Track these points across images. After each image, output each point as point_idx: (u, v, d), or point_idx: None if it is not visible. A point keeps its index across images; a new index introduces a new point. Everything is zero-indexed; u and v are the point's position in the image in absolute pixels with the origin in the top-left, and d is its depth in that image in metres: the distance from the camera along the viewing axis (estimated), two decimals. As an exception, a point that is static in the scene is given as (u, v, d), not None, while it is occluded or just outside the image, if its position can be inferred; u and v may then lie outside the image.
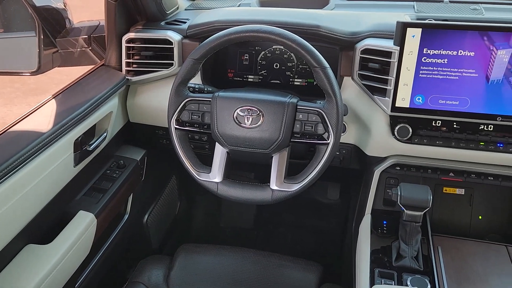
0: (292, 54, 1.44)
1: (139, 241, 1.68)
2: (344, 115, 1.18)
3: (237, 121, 1.13)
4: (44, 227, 1.18)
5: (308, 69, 1.42)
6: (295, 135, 1.14)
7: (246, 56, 1.48)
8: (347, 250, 1.62)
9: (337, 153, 1.41)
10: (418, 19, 1.32)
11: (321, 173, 1.12)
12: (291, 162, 1.20)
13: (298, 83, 1.46)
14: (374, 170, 1.34)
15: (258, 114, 1.12)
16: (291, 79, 1.46)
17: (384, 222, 1.31)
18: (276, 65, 1.46)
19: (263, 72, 1.48)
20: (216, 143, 1.18)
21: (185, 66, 1.15)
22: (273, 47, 1.45)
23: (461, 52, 1.13)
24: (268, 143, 1.12)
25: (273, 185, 1.14)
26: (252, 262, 1.33)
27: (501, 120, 1.18)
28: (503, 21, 1.25)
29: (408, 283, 1.06)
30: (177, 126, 1.18)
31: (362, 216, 1.35)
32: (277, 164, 1.15)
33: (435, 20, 1.25)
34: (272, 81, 1.48)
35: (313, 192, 2.18)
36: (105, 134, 1.35)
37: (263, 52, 1.46)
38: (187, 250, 1.37)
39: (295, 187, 1.13)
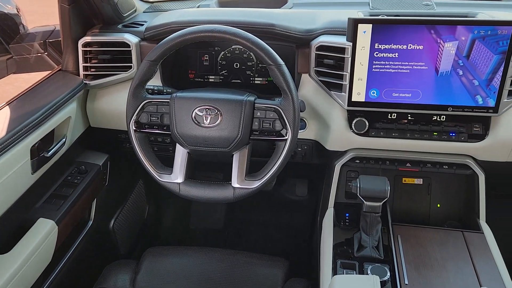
0: (251, 53, 1.45)
1: (106, 247, 1.65)
2: (302, 111, 1.20)
3: (196, 121, 1.13)
4: (2, 236, 1.15)
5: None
6: (254, 132, 1.15)
7: (206, 56, 1.49)
8: (315, 244, 1.64)
9: (299, 149, 1.43)
10: (371, 15, 1.36)
11: (280, 168, 1.14)
12: (256, 160, 1.22)
13: (259, 82, 1.47)
14: (335, 164, 1.37)
15: (216, 113, 1.13)
16: (251, 78, 1.48)
17: (347, 214, 1.34)
18: (236, 65, 1.47)
19: (223, 72, 1.49)
20: (177, 144, 1.19)
21: (142, 68, 1.14)
22: (233, 47, 1.47)
23: (410, 46, 1.17)
24: (228, 141, 1.13)
25: (235, 183, 1.15)
26: (219, 261, 1.33)
27: (452, 110, 1.22)
28: (450, 15, 1.30)
29: (369, 271, 1.09)
30: (136, 129, 1.18)
31: (325, 210, 1.38)
32: (238, 162, 1.16)
33: (387, 15, 1.28)
34: (233, 81, 1.49)
35: (282, 190, 2.20)
36: (64, 139, 1.33)
37: (223, 52, 1.47)
38: (153, 253, 1.37)
39: (256, 184, 1.15)
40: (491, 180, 1.35)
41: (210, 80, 1.50)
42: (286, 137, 1.12)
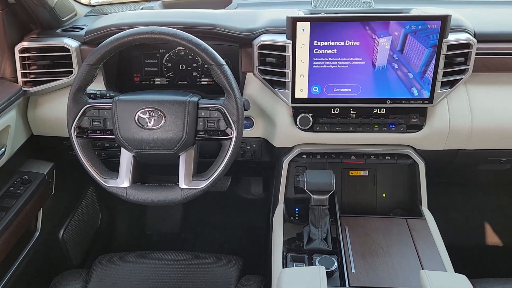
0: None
1: (56, 258, 1.61)
2: (246, 110, 1.21)
3: (139, 124, 1.12)
4: None
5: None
6: (199, 133, 1.15)
7: (151, 59, 1.47)
8: (270, 241, 1.66)
9: (248, 147, 1.44)
10: (311, 14, 1.39)
11: (227, 167, 1.15)
12: (207, 160, 1.22)
13: (205, 82, 1.48)
14: (283, 160, 1.39)
15: (160, 115, 1.12)
16: (198, 79, 1.48)
17: (296, 209, 1.37)
18: (182, 66, 1.47)
19: (169, 74, 1.48)
20: (122, 148, 1.17)
21: (81, 72, 1.12)
22: (177, 48, 1.46)
23: (347, 42, 1.21)
24: (173, 142, 1.13)
25: (182, 184, 1.15)
26: (172, 264, 1.32)
27: (390, 103, 1.27)
28: (384, 11, 1.35)
29: (317, 263, 1.12)
30: (78, 134, 1.16)
31: (276, 206, 1.40)
32: (185, 163, 1.16)
33: (326, 14, 1.32)
34: (179, 83, 1.48)
35: (237, 190, 2.22)
36: (3, 149, 1.28)
37: (168, 54, 1.46)
38: (105, 261, 1.34)
39: (203, 184, 1.15)
40: (432, 168, 1.41)
41: (156, 82, 1.49)
42: (231, 136, 1.13)
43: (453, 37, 1.21)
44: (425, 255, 1.16)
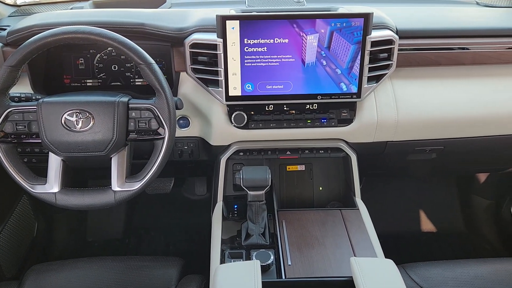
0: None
1: (-14, 271, 1.52)
2: (179, 109, 1.21)
3: (66, 126, 1.09)
4: None
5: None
6: (131, 133, 1.14)
7: (82, 60, 1.43)
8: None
9: (185, 147, 1.44)
10: (243, 13, 1.41)
11: (161, 167, 1.14)
12: (144, 162, 1.20)
13: (140, 83, 1.45)
14: (220, 158, 1.40)
15: (88, 116, 1.09)
16: (131, 80, 1.45)
17: (235, 206, 1.38)
18: (115, 67, 1.44)
19: (102, 75, 1.44)
20: (49, 152, 1.13)
21: (1, 74, 1.07)
22: (109, 49, 1.43)
23: (277, 40, 1.24)
24: (103, 144, 1.10)
25: (115, 187, 1.13)
26: (110, 269, 1.29)
27: (321, 98, 1.31)
28: (312, 10, 1.39)
29: (253, 258, 1.13)
30: (1, 140, 1.10)
31: (215, 204, 1.40)
32: (117, 165, 1.14)
33: (257, 12, 1.34)
34: (112, 84, 1.45)
35: (181, 191, 2.20)
36: None
37: (99, 55, 1.43)
38: (37, 271, 1.29)
39: (137, 185, 1.13)
40: (365, 160, 1.47)
41: (88, 84, 1.45)
42: (163, 136, 1.12)
43: (376, 34, 1.26)
44: (358, 244, 1.20)
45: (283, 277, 1.09)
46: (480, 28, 1.43)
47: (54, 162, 1.13)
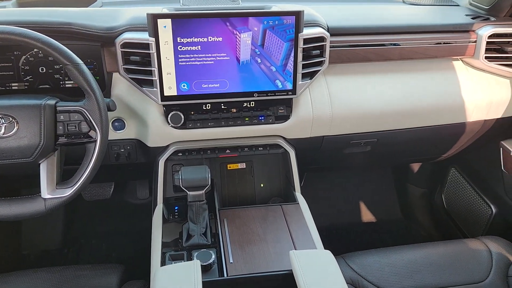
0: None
1: None
2: (112, 110, 1.17)
3: (-13, 133, 1.02)
4: None
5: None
6: (60, 137, 1.09)
7: (5, 62, 1.35)
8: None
9: (122, 150, 1.40)
10: (176, 11, 1.39)
11: (94, 172, 1.10)
12: (78, 168, 1.14)
13: (70, 85, 1.39)
14: (159, 160, 1.37)
15: (11, 121, 1.03)
16: (61, 82, 1.38)
17: (176, 208, 1.36)
18: (42, 69, 1.36)
19: (28, 78, 1.36)
20: None
21: None
22: (35, 50, 1.35)
23: (211, 38, 1.23)
24: (29, 150, 1.05)
25: (45, 194, 1.07)
26: (43, 282, 1.23)
27: (257, 96, 1.32)
28: (245, 8, 1.40)
29: (195, 258, 1.12)
30: None
31: (156, 207, 1.38)
32: (46, 171, 1.08)
33: (190, 11, 1.33)
34: (40, 87, 1.37)
35: (122, 195, 2.14)
36: None
37: (24, 57, 1.35)
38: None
39: (69, 192, 1.08)
40: (304, 155, 1.50)
41: (13, 87, 1.36)
42: (95, 139, 1.09)
43: (308, 32, 1.29)
44: (298, 237, 1.22)
45: (225, 275, 1.09)
46: (407, 25, 1.50)
47: None
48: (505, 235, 1.55)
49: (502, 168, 1.73)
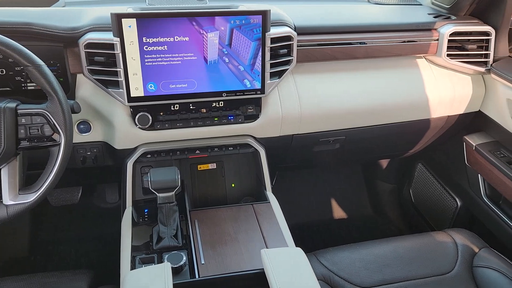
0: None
1: None
2: (76, 113, 1.14)
3: None
4: None
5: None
6: (22, 141, 1.05)
7: None
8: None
9: (88, 153, 1.37)
10: (141, 11, 1.37)
11: (59, 176, 1.07)
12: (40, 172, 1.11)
13: (32, 87, 1.34)
14: (127, 162, 1.35)
15: (-31, 126, 0.99)
16: (23, 84, 1.34)
17: (146, 210, 1.34)
18: (2, 71, 1.31)
19: None
20: None
21: None
22: (-7, 52, 1.31)
23: (177, 38, 1.22)
24: (-11, 155, 1.01)
25: (7, 200, 1.03)
26: (8, 291, 1.19)
27: (226, 96, 1.32)
28: (211, 7, 1.39)
29: (165, 260, 1.11)
30: None
31: (125, 210, 1.35)
32: (8, 177, 1.05)
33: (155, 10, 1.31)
34: (0, 89, 1.33)
35: (92, 200, 2.09)
36: None
37: None
38: None
39: (32, 197, 1.05)
40: (274, 154, 1.51)
41: (-29, 91, 1.31)
42: (59, 142, 1.06)
43: (275, 31, 1.30)
44: (269, 236, 1.23)
45: (197, 276, 1.08)
46: (372, 24, 1.53)
47: None
48: (469, 227, 1.60)
49: (466, 162, 1.79)
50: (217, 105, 1.35)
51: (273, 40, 1.30)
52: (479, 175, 1.73)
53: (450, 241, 1.42)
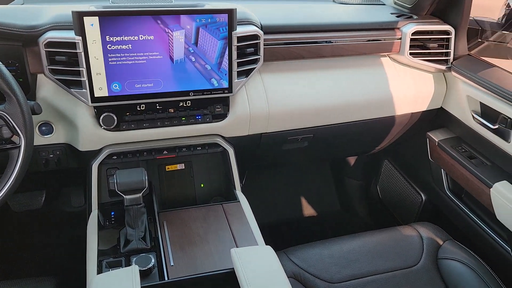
0: None
1: None
2: (37, 114, 1.10)
3: None
4: None
5: None
6: (-21, 145, 1.01)
7: None
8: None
9: (51, 155, 1.32)
10: (104, 9, 1.33)
11: (19, 180, 1.03)
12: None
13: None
14: (92, 164, 1.32)
15: None
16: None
17: (112, 213, 1.31)
18: (-43, 72, 1.26)
19: None
20: None
21: None
22: None
23: (142, 37, 1.20)
24: None
25: (-37, 207, 0.99)
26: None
27: (193, 95, 1.31)
28: (176, 6, 1.37)
29: (133, 263, 1.08)
30: None
31: (90, 213, 1.32)
32: (-36, 182, 1.00)
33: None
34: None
35: (56, 204, 2.03)
36: None
37: None
38: None
39: (-9, 202, 1.01)
40: (244, 153, 1.51)
41: None
42: (19, 144, 1.02)
43: (241, 30, 1.29)
44: (239, 235, 1.22)
45: (166, 278, 1.06)
46: (338, 23, 1.55)
47: None
48: (434, 220, 1.65)
49: (430, 157, 1.84)
50: (184, 105, 1.34)
51: (240, 39, 1.29)
52: (442, 170, 1.79)
53: (415, 234, 1.46)
